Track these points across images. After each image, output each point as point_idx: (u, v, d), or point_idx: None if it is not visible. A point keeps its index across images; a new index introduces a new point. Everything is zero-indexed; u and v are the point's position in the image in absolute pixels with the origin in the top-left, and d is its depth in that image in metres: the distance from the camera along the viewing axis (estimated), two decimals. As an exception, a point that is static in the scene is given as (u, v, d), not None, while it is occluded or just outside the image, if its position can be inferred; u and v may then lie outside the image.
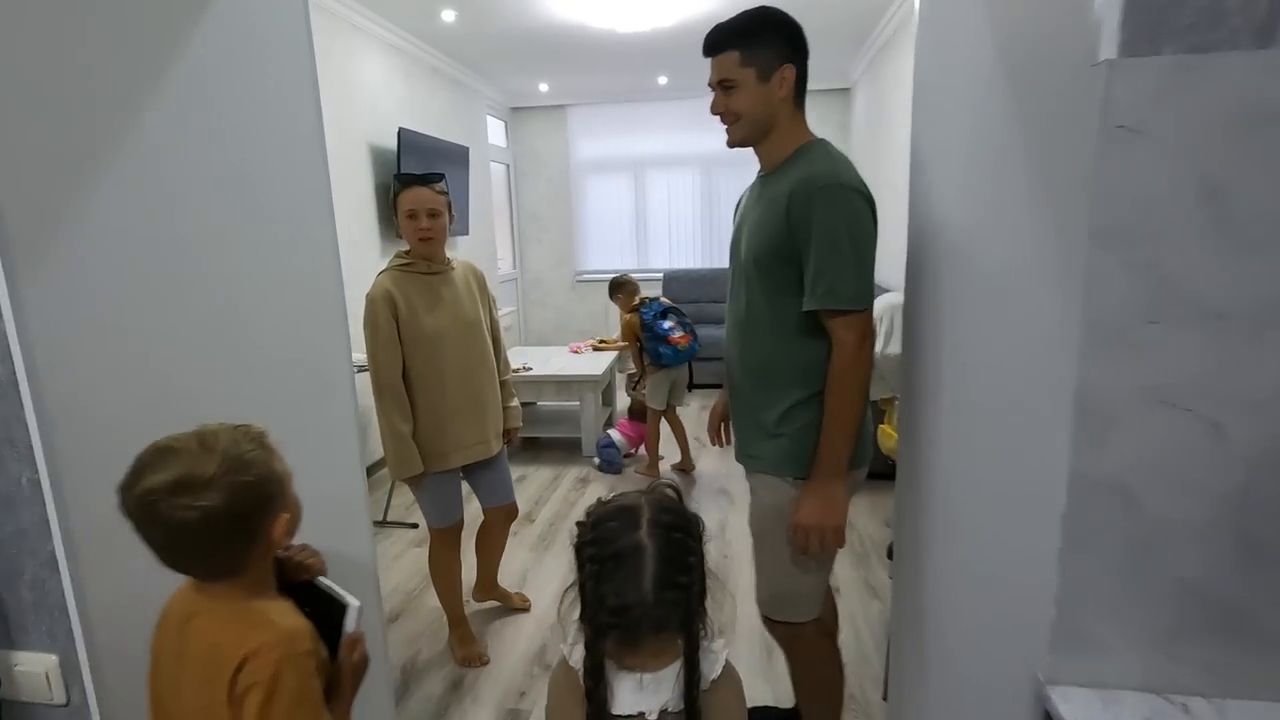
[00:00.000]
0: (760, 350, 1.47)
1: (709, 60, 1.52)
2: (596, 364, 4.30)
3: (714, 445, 1.90)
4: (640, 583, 0.88)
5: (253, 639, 0.84)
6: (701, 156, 6.55)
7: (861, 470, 1.52)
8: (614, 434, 4.02)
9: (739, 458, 1.59)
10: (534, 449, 4.30)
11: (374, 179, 4.05)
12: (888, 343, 3.55)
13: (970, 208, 1.13)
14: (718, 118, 1.55)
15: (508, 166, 6.77)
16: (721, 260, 7.05)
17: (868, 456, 1.52)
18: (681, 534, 0.94)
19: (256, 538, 0.88)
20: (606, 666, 0.93)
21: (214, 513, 0.81)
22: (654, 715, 0.93)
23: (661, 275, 6.48)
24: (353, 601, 0.94)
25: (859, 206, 1.36)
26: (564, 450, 4.25)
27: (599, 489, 3.79)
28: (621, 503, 0.97)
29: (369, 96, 4.03)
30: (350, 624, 0.92)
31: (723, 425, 1.85)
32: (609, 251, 6.92)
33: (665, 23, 4.32)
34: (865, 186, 1.40)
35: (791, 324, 1.41)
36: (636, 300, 3.93)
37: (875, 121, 5.13)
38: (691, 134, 6.52)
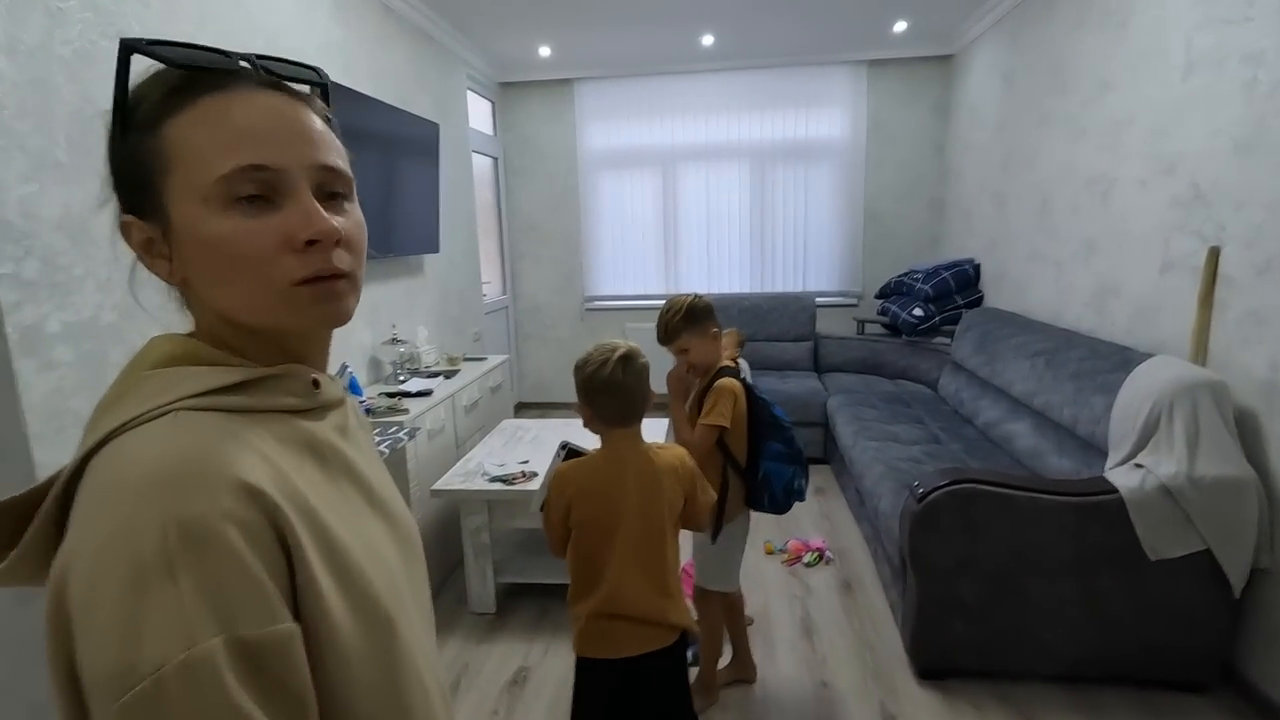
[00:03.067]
0: None
1: None
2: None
3: None
4: None
5: (682, 454, 1.53)
6: (753, 146, 4.98)
7: None
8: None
9: None
10: (528, 604, 2.65)
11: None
12: (1193, 457, 1.96)
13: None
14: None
15: (495, 160, 5.16)
16: (780, 283, 5.22)
17: None
18: None
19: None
20: None
21: (646, 368, 1.48)
22: None
23: (702, 304, 4.87)
24: None
25: None
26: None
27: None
28: None
29: (266, 26, 2.41)
30: None
31: None
32: (629, 271, 5.31)
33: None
34: None
35: None
36: (727, 351, 2.04)
37: (1021, 99, 3.57)
38: (740, 115, 4.94)
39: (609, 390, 1.42)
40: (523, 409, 5.47)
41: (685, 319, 1.88)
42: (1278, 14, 1.91)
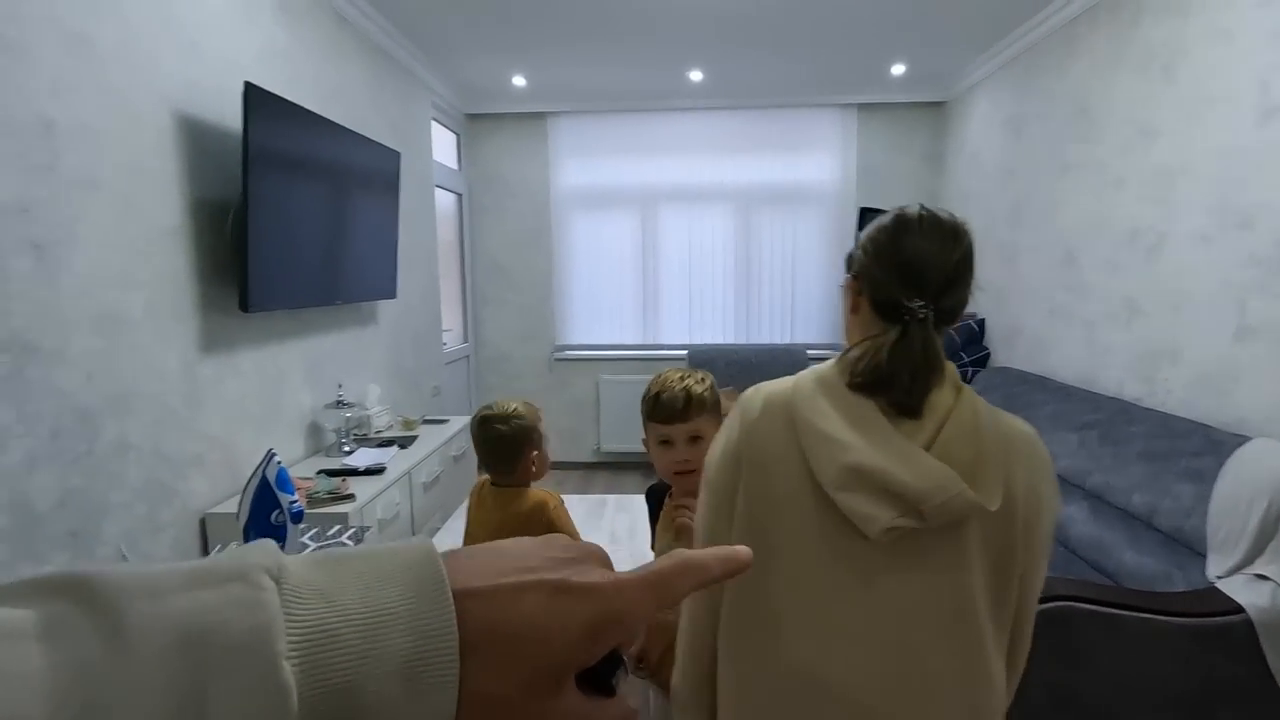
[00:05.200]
0: None
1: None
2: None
3: None
4: None
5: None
6: (738, 188, 4.68)
7: None
8: None
9: None
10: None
11: (187, 184, 1.94)
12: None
13: None
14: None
15: (460, 196, 4.73)
16: (767, 335, 4.78)
17: None
18: None
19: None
20: None
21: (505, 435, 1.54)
22: None
23: (686, 354, 4.50)
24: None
25: None
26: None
27: None
28: None
29: (188, 21, 1.96)
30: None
31: None
32: (604, 319, 4.90)
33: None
34: None
35: None
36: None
37: (1033, 146, 3.37)
38: (725, 156, 4.65)
39: None
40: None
41: (714, 393, 1.42)
42: (1394, 51, 1.66)
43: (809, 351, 4.50)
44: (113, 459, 1.66)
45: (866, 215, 0.84)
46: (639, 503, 2.54)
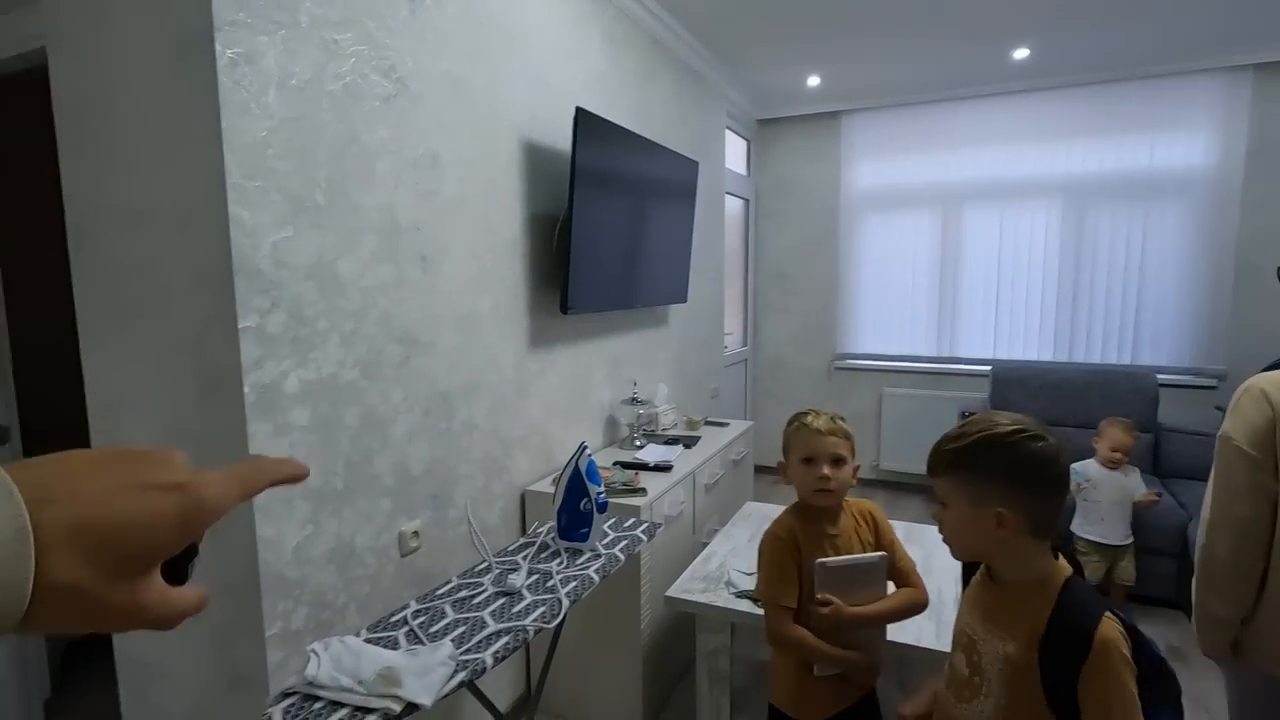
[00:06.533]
0: None
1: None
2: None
3: None
4: None
5: None
6: (1068, 181, 4.00)
7: None
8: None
9: None
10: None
11: (525, 201, 2.21)
12: None
13: None
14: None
15: (746, 202, 4.78)
16: (1098, 353, 4.00)
17: None
18: None
19: None
20: None
21: None
22: None
23: (989, 369, 3.99)
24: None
25: None
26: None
27: None
28: None
29: (536, 61, 2.24)
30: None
31: None
32: (892, 328, 4.56)
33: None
34: None
35: None
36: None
37: None
38: (1052, 144, 4.01)
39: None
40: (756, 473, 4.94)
41: (988, 450, 0.99)
42: None
43: (1159, 377, 3.66)
44: (463, 436, 1.97)
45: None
46: (931, 534, 2.27)
